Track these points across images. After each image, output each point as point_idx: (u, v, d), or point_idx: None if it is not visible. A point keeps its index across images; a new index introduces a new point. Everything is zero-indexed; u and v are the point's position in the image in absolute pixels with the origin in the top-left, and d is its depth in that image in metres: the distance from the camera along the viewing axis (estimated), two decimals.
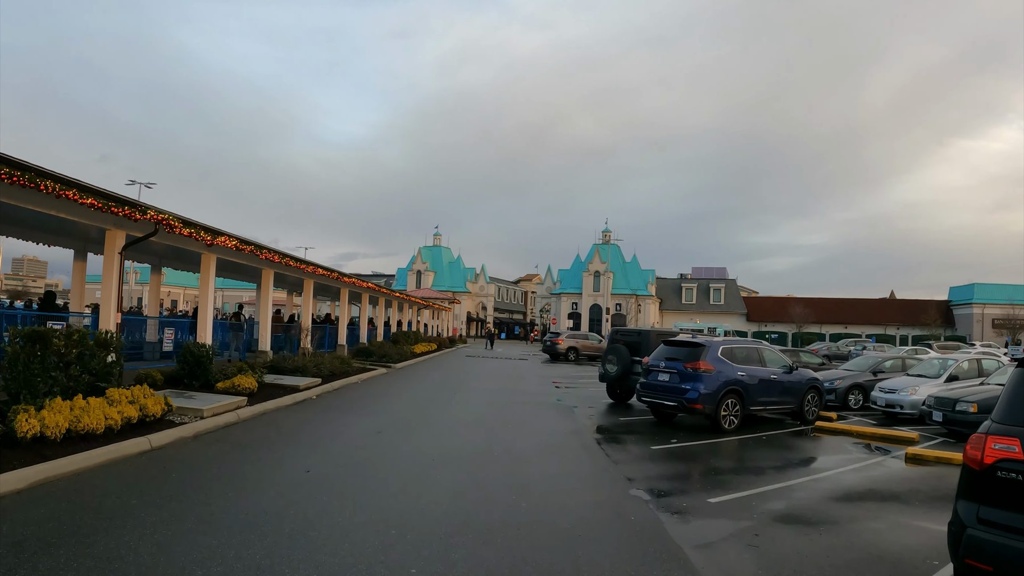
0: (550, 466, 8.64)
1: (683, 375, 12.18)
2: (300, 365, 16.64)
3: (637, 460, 9.42)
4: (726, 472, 9.01)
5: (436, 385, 18.89)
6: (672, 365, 12.39)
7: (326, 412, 12.34)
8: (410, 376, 21.45)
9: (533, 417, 13.06)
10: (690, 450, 10.46)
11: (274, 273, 18.79)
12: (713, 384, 12.08)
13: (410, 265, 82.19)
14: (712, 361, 12.28)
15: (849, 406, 17.43)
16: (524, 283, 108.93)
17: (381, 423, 11.32)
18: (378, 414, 12.42)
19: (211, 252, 15.23)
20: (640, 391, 12.84)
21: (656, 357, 12.85)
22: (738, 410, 12.49)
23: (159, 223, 11.86)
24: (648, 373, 12.83)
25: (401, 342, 31.94)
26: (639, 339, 15.18)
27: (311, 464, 7.88)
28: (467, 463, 8.47)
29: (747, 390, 12.67)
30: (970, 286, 73.37)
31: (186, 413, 10.43)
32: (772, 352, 14.13)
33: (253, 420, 10.98)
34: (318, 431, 10.33)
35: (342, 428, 10.75)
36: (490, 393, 17.30)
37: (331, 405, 13.31)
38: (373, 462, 8.26)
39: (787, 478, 8.72)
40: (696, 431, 12.37)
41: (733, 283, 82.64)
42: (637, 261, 77.87)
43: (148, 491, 6.27)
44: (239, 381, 12.59)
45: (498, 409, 14.10)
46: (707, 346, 12.44)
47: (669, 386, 12.31)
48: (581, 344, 36.53)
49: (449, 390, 17.55)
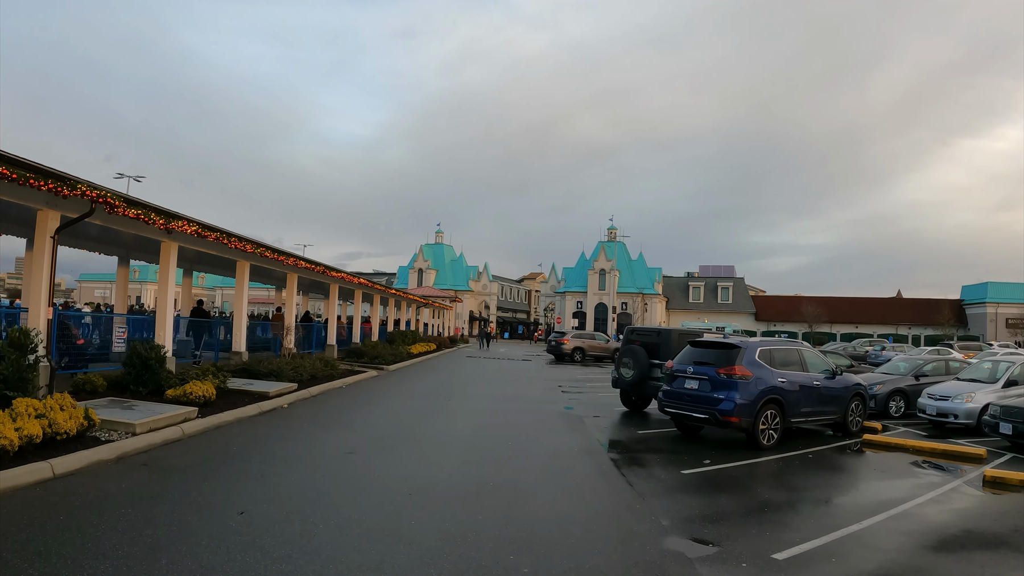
0: (559, 503, 6.77)
1: (715, 382, 10.30)
2: (276, 368, 14.81)
3: (667, 491, 7.55)
4: (782, 507, 7.14)
5: (429, 390, 17.03)
6: (702, 370, 10.51)
7: (293, 425, 10.51)
8: (402, 380, 19.60)
9: (537, 430, 11.19)
10: (728, 475, 8.60)
11: (251, 266, 16.96)
12: (751, 393, 10.21)
13: (411, 263, 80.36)
14: (749, 365, 10.40)
15: (890, 414, 15.55)
16: (528, 282, 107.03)
17: (356, 440, 9.48)
18: (355, 427, 10.58)
19: (171, 240, 13.43)
20: (663, 401, 10.95)
21: (682, 361, 10.97)
22: (778, 423, 10.62)
23: (95, 201, 10.05)
24: (672, 379, 10.95)
25: (397, 342, 30.11)
26: (658, 339, 13.28)
27: (250, 501, 6.04)
28: (453, 500, 6.61)
29: (788, 399, 10.81)
30: (983, 285, 71.59)
31: (116, 428, 8.63)
32: (814, 354, 12.26)
33: (200, 436, 9.15)
34: (275, 452, 8.49)
35: (306, 447, 8.90)
36: (489, 400, 15.44)
37: (302, 416, 11.48)
38: (332, 499, 6.40)
39: (859, 516, 6.85)
40: (729, 447, 10.51)
41: (741, 281, 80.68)
42: (643, 259, 75.86)
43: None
44: (192, 388, 10.76)
45: (497, 420, 12.24)
46: (743, 348, 10.55)
47: (698, 395, 10.43)
48: (588, 344, 34.65)
49: (443, 396, 15.70)
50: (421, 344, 33.52)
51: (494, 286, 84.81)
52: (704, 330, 13.44)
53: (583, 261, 75.87)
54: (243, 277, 16.78)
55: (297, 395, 13.54)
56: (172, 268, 13.69)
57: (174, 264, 13.77)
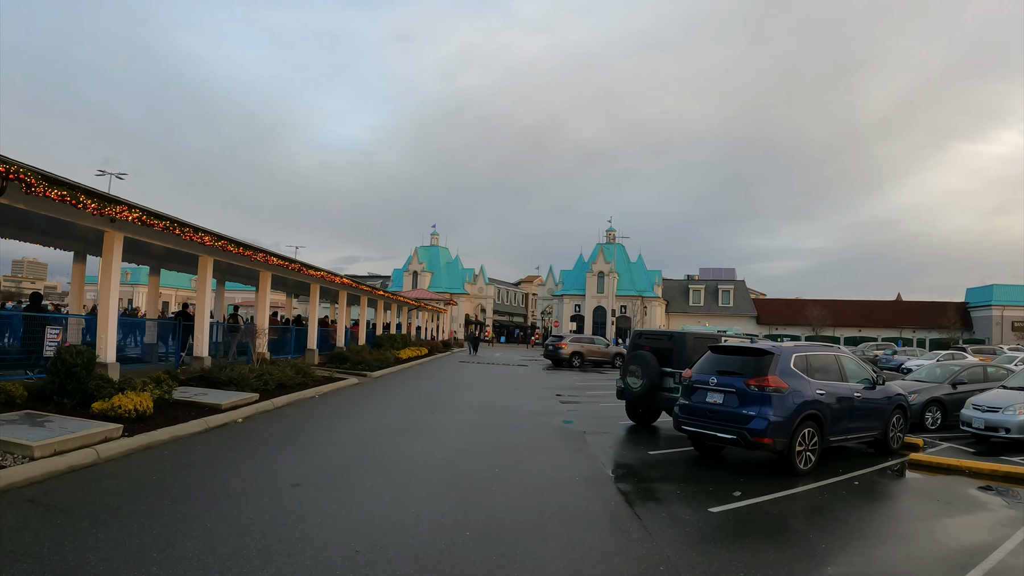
0: (557, 560, 5.08)
1: (744, 395, 8.61)
2: (238, 376, 13.11)
3: (696, 540, 5.85)
4: (847, 563, 5.45)
5: (412, 401, 15.32)
6: (728, 381, 8.82)
7: (240, 446, 8.81)
8: (385, 388, 17.88)
9: (531, 452, 9.49)
10: (767, 512, 6.92)
11: (225, 264, 15.25)
12: (787, 408, 8.54)
13: (406, 266, 78.54)
14: (784, 375, 8.73)
15: (926, 426, 13.93)
16: (525, 285, 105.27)
17: (310, 466, 7.77)
18: (314, 449, 8.87)
19: (115, 229, 11.75)
20: (680, 417, 9.24)
21: (703, 370, 9.27)
22: (816, 443, 8.96)
23: (5, 177, 8.37)
24: (692, 392, 9.25)
25: (385, 346, 28.40)
26: (671, 344, 11.57)
27: (137, 562, 4.35)
28: (415, 561, 4.91)
29: (827, 414, 9.15)
30: (988, 287, 70.32)
31: (13, 451, 6.96)
32: (853, 361, 10.59)
33: (119, 461, 7.47)
34: (203, 483, 6.79)
35: (245, 476, 7.20)
36: (478, 411, 13.74)
37: (255, 434, 9.77)
38: (250, 561, 4.70)
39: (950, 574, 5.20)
40: (757, 471, 8.86)
41: (742, 284, 79.06)
42: (643, 261, 74.21)
43: None
44: (122, 401, 9.07)
45: (485, 438, 10.53)
46: (776, 354, 8.88)
47: (723, 411, 8.74)
48: (587, 349, 32.93)
49: (427, 407, 13.99)
50: (412, 348, 31.81)
51: (490, 289, 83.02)
52: (706, 334, 11.70)
53: (581, 263, 74.17)
54: (205, 274, 15.07)
55: (257, 407, 11.83)
56: (116, 261, 11.99)
57: (118, 257, 12.07)
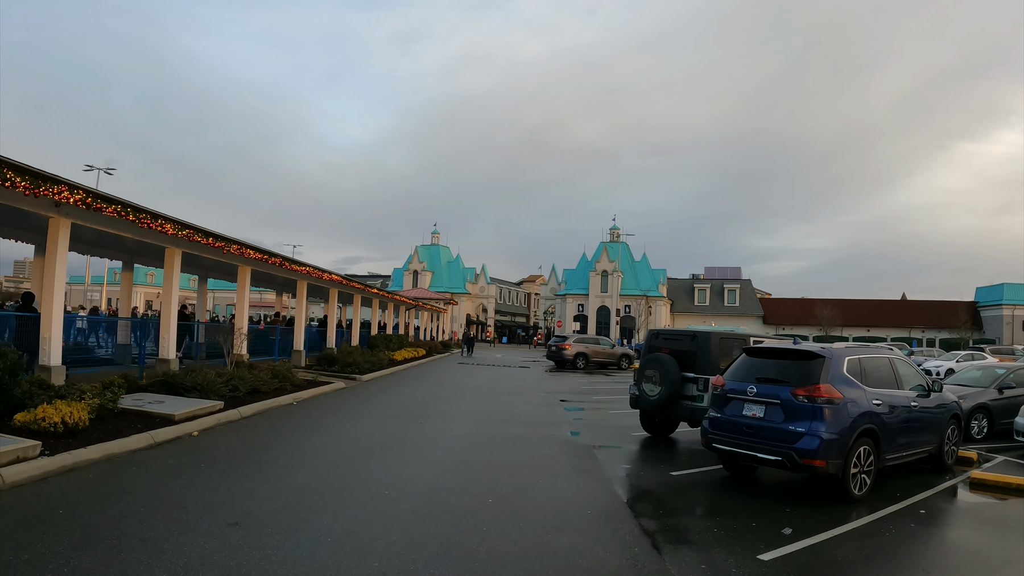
0: None
1: (791, 408, 7.12)
2: (203, 381, 11.66)
3: None
4: None
5: (401, 409, 13.85)
6: (770, 391, 7.33)
7: (184, 467, 7.34)
8: (374, 394, 16.42)
9: (532, 474, 8.00)
10: (831, 559, 5.45)
11: (181, 254, 13.79)
12: (842, 423, 7.06)
13: (406, 265, 77.12)
14: (838, 383, 7.25)
15: (972, 435, 12.48)
16: (527, 284, 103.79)
17: (258, 496, 6.31)
18: (271, 471, 7.41)
19: (59, 214, 10.33)
20: (711, 433, 7.73)
21: (739, 376, 7.77)
22: (871, 463, 7.50)
23: None
24: (725, 403, 7.75)
25: (380, 347, 26.95)
26: (693, 346, 10.07)
27: None
28: None
29: (884, 429, 7.69)
30: (999, 286, 68.91)
31: None
32: (906, 365, 9.10)
33: (28, 488, 6.07)
34: (119, 520, 5.33)
35: (176, 510, 5.73)
36: (473, 421, 12.27)
37: (207, 451, 8.31)
38: None
39: None
40: (804, 498, 7.39)
41: (748, 284, 77.48)
42: (647, 260, 72.68)
43: None
44: (46, 412, 7.63)
45: (478, 456, 9.06)
46: (827, 357, 7.38)
47: (765, 426, 7.24)
48: (591, 350, 31.42)
49: (416, 416, 12.52)
50: (408, 350, 30.35)
51: (492, 288, 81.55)
52: (734, 335, 10.16)
53: (584, 262, 72.68)
54: (172, 267, 13.62)
55: (220, 417, 10.38)
56: (61, 251, 10.56)
57: (64, 246, 10.64)
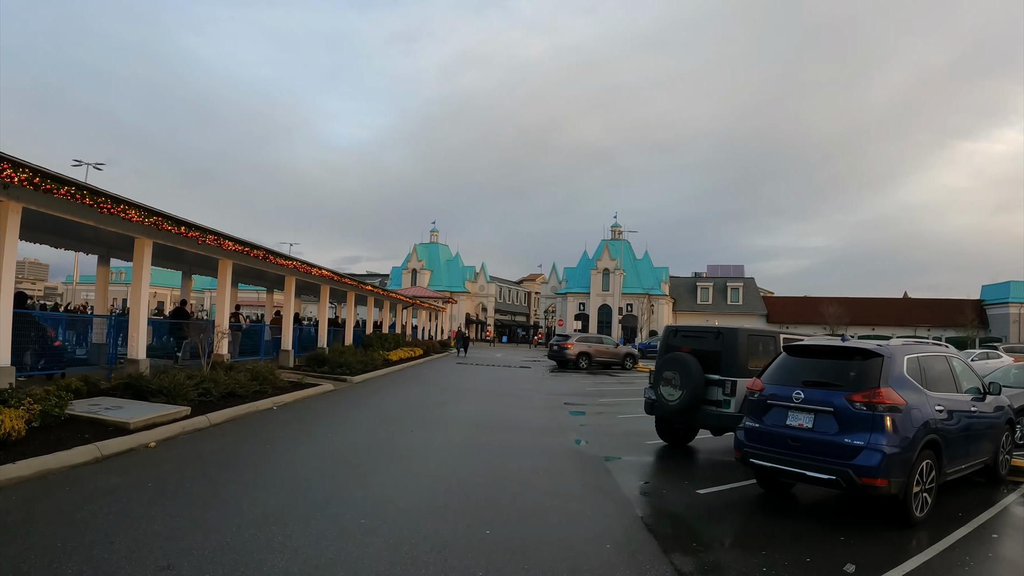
0: None
1: (846, 417, 5.98)
2: (171, 383, 10.54)
3: None
4: None
5: (391, 414, 12.73)
6: (820, 397, 6.18)
7: (126, 488, 6.21)
8: (363, 397, 15.30)
9: (536, 493, 6.87)
10: None
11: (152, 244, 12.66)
12: (904, 434, 5.94)
13: (405, 264, 75.96)
14: (899, 386, 6.12)
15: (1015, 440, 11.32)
16: (527, 283, 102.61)
17: (206, 527, 5.17)
18: (228, 492, 6.27)
19: (8, 197, 9.22)
20: (748, 447, 6.58)
21: (781, 379, 6.62)
22: (932, 479, 6.38)
23: None
24: (764, 410, 6.60)
25: (374, 347, 25.81)
26: (718, 344, 8.88)
27: None
28: None
29: (946, 439, 6.57)
30: (1005, 284, 67.90)
31: None
32: (961, 363, 7.98)
33: None
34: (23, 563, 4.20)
35: (97, 547, 4.59)
36: (469, 428, 11.15)
37: (161, 465, 7.17)
38: None
39: None
40: (853, 520, 6.27)
41: (752, 282, 76.29)
42: (649, 258, 71.50)
43: None
44: None
45: (473, 471, 7.92)
46: (886, 356, 6.26)
47: (815, 439, 6.10)
48: (595, 349, 30.28)
49: (407, 422, 11.39)
50: (404, 349, 29.21)
51: (492, 287, 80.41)
52: (764, 331, 8.94)
53: (585, 260, 71.52)
54: (142, 259, 12.49)
55: (185, 425, 9.25)
56: (11, 240, 9.44)
57: (14, 233, 9.52)
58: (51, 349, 12.25)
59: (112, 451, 7.57)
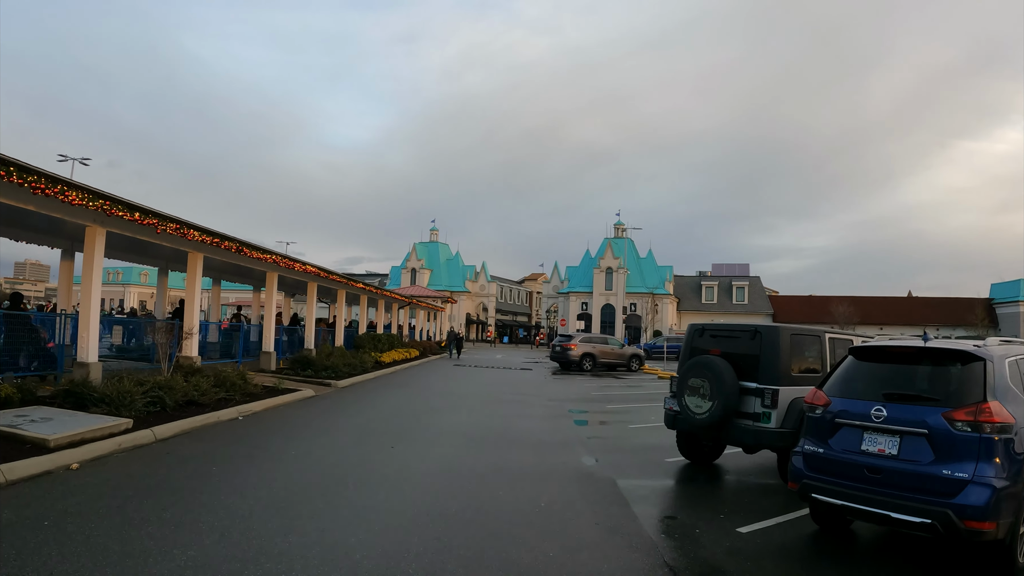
0: None
1: (945, 440, 4.56)
2: (116, 391, 9.15)
3: None
4: None
5: (373, 424, 11.33)
6: (909, 415, 4.76)
7: (14, 528, 4.81)
8: (347, 403, 13.91)
9: (541, 536, 5.44)
10: None
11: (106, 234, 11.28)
12: (1014, 461, 4.54)
13: (404, 263, 74.50)
14: (1006, 400, 4.71)
15: None
16: (529, 283, 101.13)
17: None
18: (139, 537, 4.86)
19: None
20: (811, 477, 5.12)
21: (854, 391, 5.18)
22: None
23: None
24: (830, 431, 5.16)
25: (366, 348, 24.43)
26: (755, 345, 7.38)
27: None
28: None
29: None
30: (1015, 282, 66.53)
31: None
32: None
33: None
34: None
35: None
36: (460, 443, 9.75)
37: (71, 495, 5.76)
38: None
39: None
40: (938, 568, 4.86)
41: (757, 281, 74.80)
42: (653, 256, 70.00)
43: None
44: None
45: (461, 506, 6.49)
46: (987, 360, 4.85)
47: (903, 469, 4.67)
48: (599, 350, 28.85)
49: (389, 437, 9.99)
50: (399, 350, 27.82)
51: (492, 287, 78.96)
52: (807, 330, 7.39)
53: (588, 259, 70.03)
54: (93, 251, 11.10)
55: (123, 441, 7.86)
56: None
57: None
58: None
59: (21, 475, 6.19)
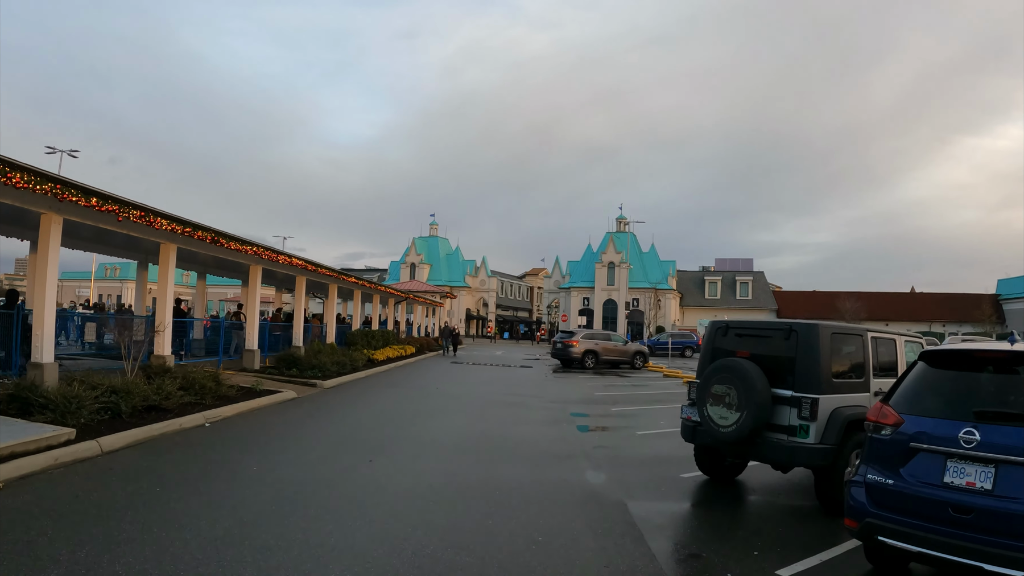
0: None
1: None
2: (64, 395, 8.12)
3: None
4: None
5: (356, 430, 10.29)
6: (1008, 439, 3.71)
7: None
8: (329, 407, 12.87)
9: None
10: None
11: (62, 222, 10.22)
12: None
13: (403, 258, 73.47)
14: None
15: None
16: (530, 278, 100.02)
17: None
18: None
19: None
20: (876, 516, 4.05)
21: (933, 408, 4.12)
22: None
23: None
24: (904, 458, 4.09)
25: (358, 345, 23.40)
26: (790, 346, 6.28)
27: None
28: None
29: None
30: (1022, 278, 65.33)
31: None
32: None
33: None
34: None
35: None
36: (448, 455, 8.70)
37: None
38: None
39: None
40: None
41: (761, 276, 73.71)
42: (655, 251, 68.86)
43: None
44: None
45: (444, 542, 5.44)
46: None
47: (999, 509, 3.61)
48: (602, 347, 27.78)
49: (367, 447, 8.94)
50: (394, 348, 26.81)
51: (493, 282, 77.90)
52: (849, 329, 6.23)
53: (590, 254, 68.94)
54: (48, 239, 10.05)
55: (62, 454, 6.82)
56: None
57: None
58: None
59: None
